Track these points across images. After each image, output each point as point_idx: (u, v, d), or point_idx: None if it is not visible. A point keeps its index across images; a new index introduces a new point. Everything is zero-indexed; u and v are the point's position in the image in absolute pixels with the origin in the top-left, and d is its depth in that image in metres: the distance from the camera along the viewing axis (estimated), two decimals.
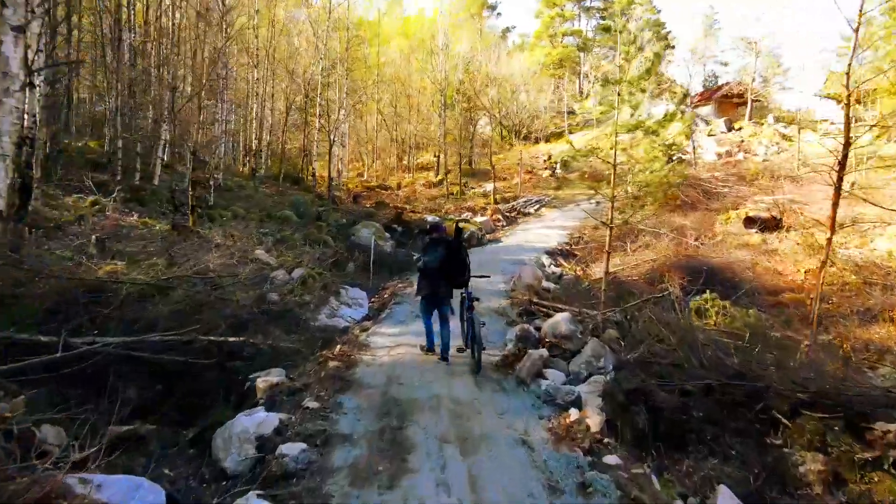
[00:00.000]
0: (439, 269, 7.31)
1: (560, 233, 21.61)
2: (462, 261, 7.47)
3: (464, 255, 7.53)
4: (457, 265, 7.39)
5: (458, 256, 7.42)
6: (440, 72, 29.86)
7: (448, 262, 7.32)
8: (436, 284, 7.37)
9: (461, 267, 7.45)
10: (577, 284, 15.90)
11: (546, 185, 33.65)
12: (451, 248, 7.38)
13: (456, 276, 7.40)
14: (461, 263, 7.45)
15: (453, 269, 7.36)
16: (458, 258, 7.41)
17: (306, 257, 13.68)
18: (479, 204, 26.48)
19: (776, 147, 32.95)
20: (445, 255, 7.32)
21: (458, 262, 7.41)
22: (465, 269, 7.50)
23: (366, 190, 29.19)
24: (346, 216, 20.96)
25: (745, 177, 25.51)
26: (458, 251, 7.42)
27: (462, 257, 7.48)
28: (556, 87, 48.85)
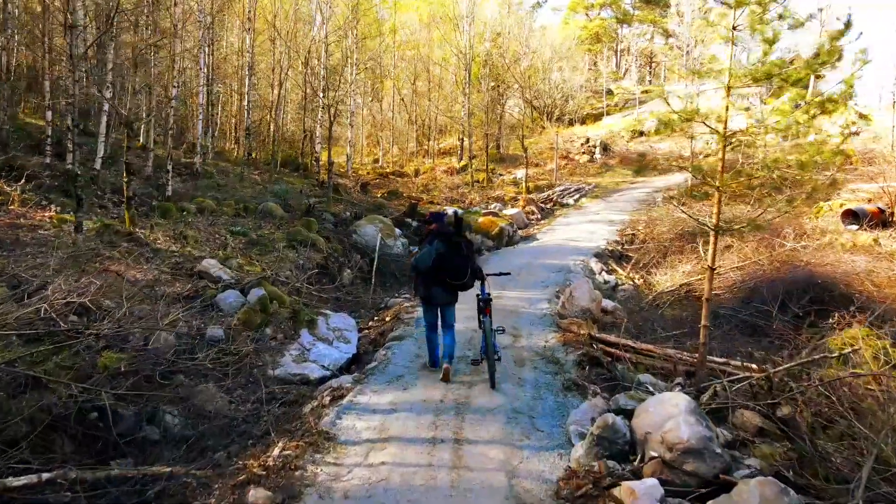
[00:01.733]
0: (434, 268, 6.31)
1: (608, 229, 18.04)
2: (463, 259, 6.35)
3: (465, 251, 6.41)
4: (455, 264, 6.29)
5: (459, 253, 6.33)
6: (464, 43, 26.25)
7: (445, 259, 6.26)
8: (431, 286, 6.43)
9: (460, 266, 6.32)
10: (639, 300, 12.43)
11: (584, 171, 29.99)
12: (449, 243, 6.32)
13: (453, 276, 6.32)
14: (461, 261, 6.33)
15: (451, 269, 6.29)
16: (457, 255, 6.31)
17: (282, 266, 10.45)
18: (508, 193, 23.00)
19: (855, 127, 28.65)
20: (443, 251, 6.28)
21: (457, 261, 6.31)
22: (466, 268, 6.37)
23: (378, 177, 25.87)
24: (349, 208, 17.69)
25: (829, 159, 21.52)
26: (457, 247, 6.33)
27: (463, 255, 6.37)
28: (594, 63, 44.92)
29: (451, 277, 6.31)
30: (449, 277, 6.31)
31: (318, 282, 11.02)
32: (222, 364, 6.66)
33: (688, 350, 8.04)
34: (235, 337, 7.19)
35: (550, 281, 12.00)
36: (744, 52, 7.88)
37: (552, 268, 13.18)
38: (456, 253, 6.30)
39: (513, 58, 29.02)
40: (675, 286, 12.34)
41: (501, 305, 9.89)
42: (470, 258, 6.44)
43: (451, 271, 6.28)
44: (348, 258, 13.17)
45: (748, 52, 7.39)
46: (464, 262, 6.34)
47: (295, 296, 8.98)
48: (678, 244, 14.71)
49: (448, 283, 6.34)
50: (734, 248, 13.35)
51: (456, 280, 6.33)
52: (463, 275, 6.34)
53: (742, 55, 7.72)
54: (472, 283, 6.47)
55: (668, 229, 15.75)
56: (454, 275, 6.30)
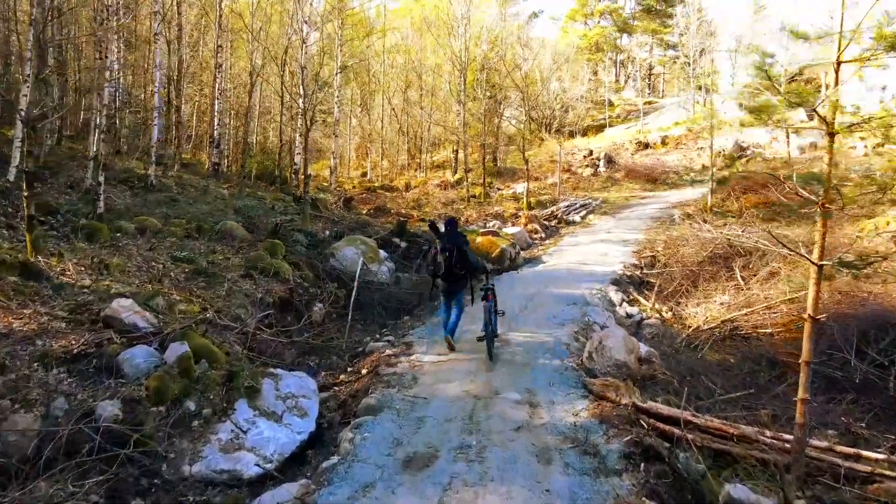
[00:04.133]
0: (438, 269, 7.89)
1: (622, 250, 16.08)
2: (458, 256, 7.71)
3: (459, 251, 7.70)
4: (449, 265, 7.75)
5: (453, 252, 7.70)
6: (459, 46, 24.44)
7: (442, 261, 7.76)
8: (436, 279, 8.05)
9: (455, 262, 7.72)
10: (672, 339, 10.43)
11: (589, 185, 28.12)
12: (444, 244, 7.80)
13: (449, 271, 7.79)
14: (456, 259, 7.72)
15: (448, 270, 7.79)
16: (452, 254, 7.70)
17: (232, 302, 8.43)
18: (508, 209, 21.06)
19: (879, 139, 26.94)
20: (441, 250, 7.78)
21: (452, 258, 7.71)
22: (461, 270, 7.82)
23: (365, 192, 23.86)
24: (329, 227, 15.68)
25: None
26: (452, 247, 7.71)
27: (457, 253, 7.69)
28: (594, 73, 43.34)
29: (449, 273, 7.79)
30: (445, 272, 7.80)
31: (279, 321, 8.97)
32: (106, 460, 4.62)
33: (764, 422, 6.02)
34: (139, 415, 5.14)
35: (565, 316, 9.98)
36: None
37: (565, 299, 11.17)
38: (447, 252, 7.72)
39: (510, 64, 27.24)
40: (714, 323, 10.35)
41: (510, 355, 7.89)
42: (464, 257, 7.75)
43: (450, 268, 7.75)
44: (322, 288, 11.12)
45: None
46: (460, 260, 7.74)
47: (240, 346, 6.92)
48: (710, 269, 12.76)
49: (448, 275, 7.81)
50: (781, 275, 11.36)
51: (451, 274, 7.81)
52: (461, 269, 7.83)
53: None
54: (466, 276, 7.95)
55: (695, 251, 13.79)
56: (448, 270, 7.77)
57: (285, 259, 10.76)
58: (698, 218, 16.51)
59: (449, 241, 7.82)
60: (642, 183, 27.54)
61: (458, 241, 7.86)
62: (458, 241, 7.87)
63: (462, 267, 7.85)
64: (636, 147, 34.50)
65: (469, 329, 8.54)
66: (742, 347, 9.70)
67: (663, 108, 42.36)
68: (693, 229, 15.43)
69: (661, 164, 30.42)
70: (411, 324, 9.88)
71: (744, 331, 10.04)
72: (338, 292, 11.18)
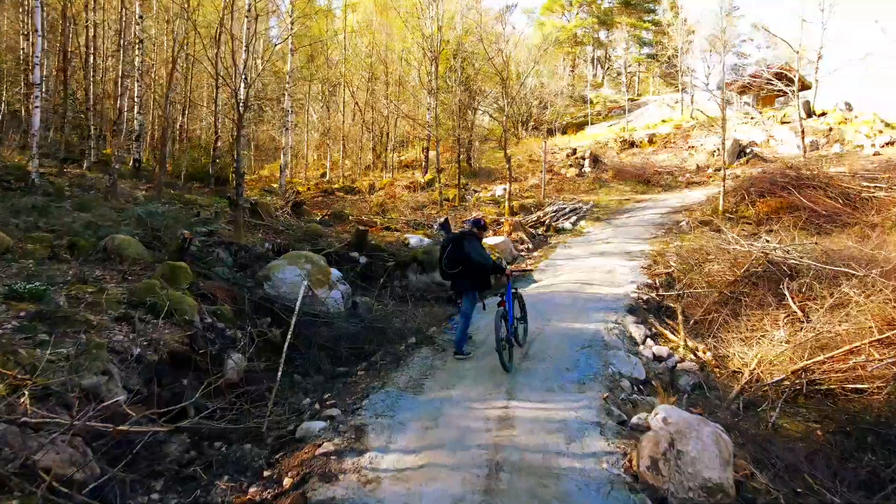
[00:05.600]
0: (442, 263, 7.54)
1: (628, 265, 13.53)
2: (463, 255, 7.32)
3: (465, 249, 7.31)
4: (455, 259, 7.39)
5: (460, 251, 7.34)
6: (431, 29, 21.66)
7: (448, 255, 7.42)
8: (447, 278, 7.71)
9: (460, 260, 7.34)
10: (719, 392, 7.85)
11: (574, 187, 25.62)
12: (450, 242, 7.51)
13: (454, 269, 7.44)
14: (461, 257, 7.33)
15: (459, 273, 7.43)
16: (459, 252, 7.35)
17: (89, 366, 5.52)
18: (488, 215, 18.32)
19: (888, 136, 25.15)
20: (448, 248, 7.46)
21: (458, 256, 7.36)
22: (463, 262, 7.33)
23: (321, 194, 20.84)
24: (271, 239, 12.76)
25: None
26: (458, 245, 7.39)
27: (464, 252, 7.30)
28: (573, 67, 41.05)
29: (447, 269, 7.48)
30: (445, 269, 7.51)
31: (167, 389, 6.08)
32: None
33: None
34: None
35: (583, 369, 7.28)
36: None
37: (576, 338, 8.49)
38: (457, 250, 7.36)
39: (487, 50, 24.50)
40: (779, 372, 7.75)
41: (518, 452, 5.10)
42: (471, 255, 7.28)
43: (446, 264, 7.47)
44: (248, 325, 8.20)
45: None
46: (455, 256, 7.37)
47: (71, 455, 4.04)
48: (750, 292, 10.19)
49: (448, 272, 7.52)
50: (852, 305, 8.78)
51: (451, 271, 7.45)
52: (452, 266, 7.42)
53: None
54: (467, 275, 7.42)
55: (725, 268, 11.25)
56: (449, 267, 7.44)
57: (192, 289, 7.81)
58: (721, 226, 14.00)
59: (452, 235, 7.65)
60: (633, 184, 25.17)
61: (461, 235, 7.54)
62: (462, 235, 7.54)
63: (460, 263, 7.34)
64: (621, 146, 32.25)
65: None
66: (825, 409, 7.14)
67: (647, 106, 40.31)
68: (714, 240, 12.90)
69: (651, 165, 28.15)
70: (367, 384, 7.04)
71: (823, 384, 7.46)
72: (270, 333, 8.29)
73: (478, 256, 7.37)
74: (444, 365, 7.43)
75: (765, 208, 15.91)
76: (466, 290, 7.61)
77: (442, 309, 11.12)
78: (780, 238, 12.38)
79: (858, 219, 14.50)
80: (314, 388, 7.86)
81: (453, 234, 7.70)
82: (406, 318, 10.26)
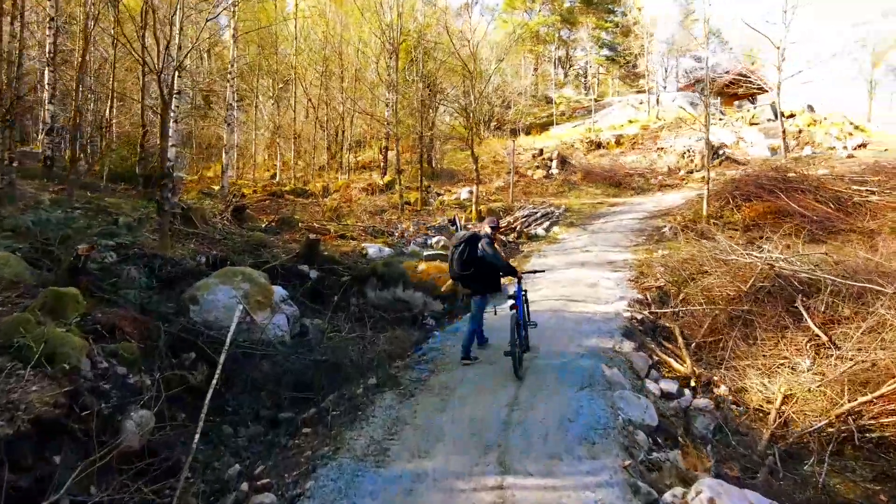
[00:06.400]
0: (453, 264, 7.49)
1: (613, 277, 12.26)
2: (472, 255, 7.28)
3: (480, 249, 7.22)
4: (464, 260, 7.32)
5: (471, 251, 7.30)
6: (391, 17, 20.05)
7: (461, 255, 7.35)
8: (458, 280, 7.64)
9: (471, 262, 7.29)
10: (746, 437, 6.55)
11: (542, 190, 24.39)
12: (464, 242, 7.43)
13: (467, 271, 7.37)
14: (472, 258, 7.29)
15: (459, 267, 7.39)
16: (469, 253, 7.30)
17: None
18: None
19: (859, 139, 24.78)
20: (460, 248, 7.37)
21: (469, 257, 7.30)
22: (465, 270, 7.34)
23: (269, 197, 18.97)
24: (205, 250, 10.98)
25: None
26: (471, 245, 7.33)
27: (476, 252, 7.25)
28: (536, 67, 40.04)
29: (457, 269, 7.38)
30: (456, 270, 7.41)
31: (30, 469, 4.37)
32: None
33: None
34: None
35: (587, 418, 5.84)
36: None
37: (572, 373, 7.05)
38: (471, 251, 7.26)
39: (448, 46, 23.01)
40: (825, 416, 6.46)
41: None
42: (485, 256, 7.17)
43: (456, 264, 7.37)
44: (159, 368, 6.46)
45: None
46: (467, 257, 7.26)
47: None
48: (763, 311, 8.95)
49: (460, 274, 7.41)
50: (887, 328, 7.55)
51: (463, 273, 7.34)
52: (464, 268, 7.32)
53: None
54: (479, 276, 7.32)
55: (726, 282, 10.01)
56: (460, 267, 7.34)
57: (84, 322, 6.05)
58: (715, 234, 12.87)
59: (465, 236, 7.56)
60: (604, 187, 24.10)
61: (475, 236, 7.49)
62: (476, 235, 7.51)
63: (472, 265, 7.35)
64: (588, 147, 31.28)
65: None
66: (880, 463, 5.88)
67: (611, 107, 39.59)
68: (707, 250, 11.68)
69: (620, 166, 27.19)
70: (315, 449, 5.42)
71: (874, 430, 6.20)
72: (190, 376, 6.58)
73: (491, 258, 7.31)
74: (413, 417, 5.88)
75: (751, 213, 14.89)
76: (477, 292, 7.55)
77: (406, 333, 9.54)
78: (777, 247, 11.24)
79: (853, 225, 13.58)
80: (248, 442, 6.27)
81: (467, 234, 7.59)
82: (364, 347, 8.65)
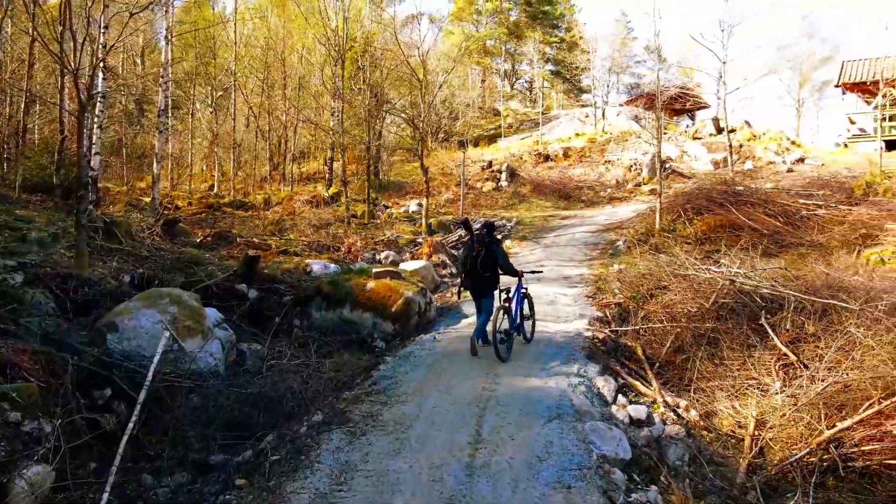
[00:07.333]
0: (465, 264, 8.16)
1: (570, 293, 11.89)
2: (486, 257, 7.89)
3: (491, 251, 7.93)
4: (479, 262, 7.90)
5: (483, 253, 7.90)
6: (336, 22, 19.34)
7: (472, 258, 8.00)
8: (466, 279, 8.26)
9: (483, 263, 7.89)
10: (725, 474, 6.13)
11: (492, 202, 24.06)
12: (475, 244, 8.05)
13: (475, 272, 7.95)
14: (484, 260, 7.89)
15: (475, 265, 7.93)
16: (481, 255, 7.90)
17: None
18: (403, 234, 16.16)
19: (798, 154, 25.53)
20: (471, 250, 8.06)
21: (481, 259, 7.89)
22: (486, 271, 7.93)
23: (205, 210, 17.83)
24: (131, 268, 9.97)
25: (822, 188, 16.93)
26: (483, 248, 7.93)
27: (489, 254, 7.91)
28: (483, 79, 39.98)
29: (474, 272, 7.97)
30: (473, 272, 7.99)
31: None
32: None
33: None
34: None
35: (559, 457, 5.33)
36: None
37: (537, 403, 6.52)
38: (475, 251, 7.95)
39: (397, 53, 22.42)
40: (806, 444, 6.09)
41: None
42: (495, 258, 7.93)
43: (474, 267, 7.95)
44: (72, 405, 5.58)
45: None
46: (481, 259, 7.87)
47: None
48: (728, 329, 8.65)
49: (475, 274, 7.98)
50: (858, 347, 7.32)
51: (477, 275, 7.96)
52: (485, 270, 7.91)
53: None
54: (490, 277, 7.97)
55: (688, 298, 9.72)
56: (476, 270, 7.93)
57: None
58: (673, 248, 12.68)
59: (479, 239, 8.07)
60: (554, 200, 23.96)
61: (489, 241, 8.06)
62: (490, 241, 8.08)
63: (488, 268, 7.96)
64: (536, 159, 31.25)
65: None
66: (865, 496, 5.54)
67: (558, 119, 39.90)
68: (665, 265, 11.43)
69: (569, 179, 27.20)
70: None
71: (856, 458, 5.87)
72: (102, 419, 5.69)
73: (503, 261, 8.08)
74: (365, 461, 5.17)
75: (703, 227, 14.85)
76: (488, 290, 8.09)
77: (355, 357, 8.79)
78: (735, 261, 11.07)
79: (802, 238, 13.67)
80: (173, 494, 5.45)
81: (480, 237, 8.10)
82: (309, 375, 7.86)
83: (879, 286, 8.99)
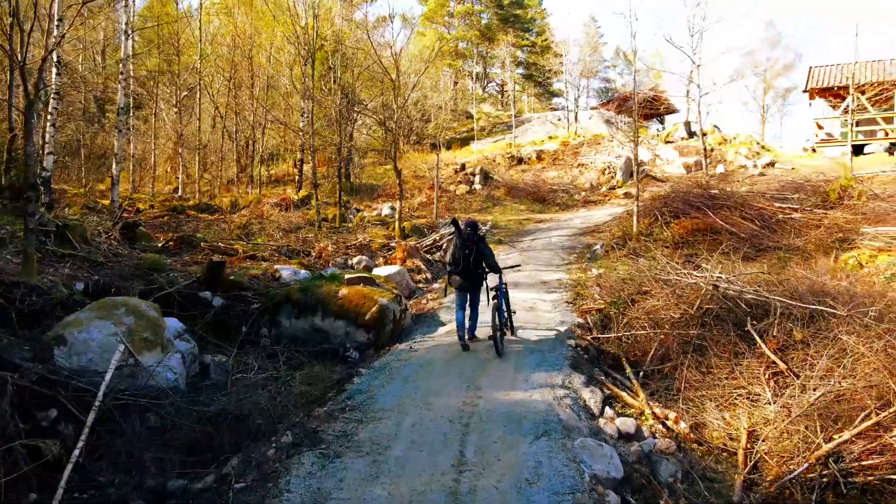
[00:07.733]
0: (452, 261, 8.35)
1: (549, 299, 11.58)
2: (473, 253, 8.22)
3: (477, 248, 8.26)
4: (466, 257, 8.21)
5: (470, 249, 8.22)
6: (307, 19, 18.80)
7: (460, 257, 8.25)
8: (453, 274, 8.46)
9: (470, 259, 8.21)
10: (721, 490, 5.83)
11: (466, 205, 23.71)
12: (463, 241, 8.32)
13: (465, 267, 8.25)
14: (471, 255, 8.21)
15: (463, 261, 8.22)
16: (468, 251, 8.22)
17: None
18: (376, 238, 15.68)
19: (768, 158, 25.78)
20: (458, 247, 8.30)
21: (468, 255, 8.21)
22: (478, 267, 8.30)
23: (168, 213, 17.08)
24: (86, 276, 9.33)
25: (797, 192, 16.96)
26: (469, 245, 8.25)
27: (474, 251, 8.24)
28: (455, 82, 39.69)
29: (466, 268, 8.24)
30: (462, 268, 8.25)
31: None
32: None
33: None
34: None
35: (549, 480, 5.04)
36: None
37: (523, 419, 6.15)
38: (467, 249, 8.21)
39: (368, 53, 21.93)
40: (804, 459, 5.82)
41: None
42: (481, 254, 8.28)
43: (467, 263, 8.22)
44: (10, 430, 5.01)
45: None
46: (473, 256, 8.21)
47: None
48: (714, 336, 8.40)
49: (465, 272, 8.27)
50: (849, 355, 7.12)
51: (469, 271, 8.27)
52: (476, 266, 8.28)
53: None
54: (480, 273, 8.37)
55: (670, 303, 9.46)
56: (465, 266, 8.23)
57: None
58: (654, 252, 12.46)
59: (469, 236, 8.34)
60: (528, 203, 23.72)
61: (478, 239, 8.41)
62: (478, 239, 8.42)
63: (479, 265, 8.30)
64: (510, 162, 31.04)
65: None
66: None
67: (531, 122, 39.81)
68: (645, 269, 11.19)
69: (543, 182, 27.02)
70: None
71: (856, 474, 5.63)
72: (43, 446, 5.13)
73: (491, 259, 8.40)
74: (340, 489, 4.73)
75: (680, 230, 14.71)
76: (476, 285, 8.50)
77: (327, 369, 8.33)
78: (715, 266, 10.89)
79: (779, 242, 13.60)
80: None
81: (469, 235, 8.36)
82: (278, 389, 7.36)
83: (861, 291, 8.82)
